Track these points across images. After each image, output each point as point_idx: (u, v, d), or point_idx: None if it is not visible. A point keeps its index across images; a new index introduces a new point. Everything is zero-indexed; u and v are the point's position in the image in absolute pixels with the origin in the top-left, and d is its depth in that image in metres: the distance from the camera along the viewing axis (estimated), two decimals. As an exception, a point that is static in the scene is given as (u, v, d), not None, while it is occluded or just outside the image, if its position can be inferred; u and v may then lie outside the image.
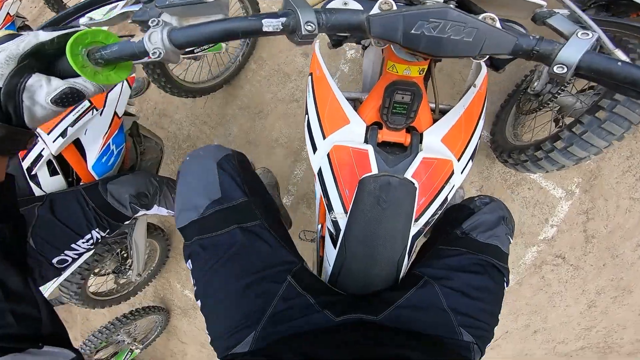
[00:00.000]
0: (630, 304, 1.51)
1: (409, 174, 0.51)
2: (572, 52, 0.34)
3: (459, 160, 0.55)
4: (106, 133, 0.97)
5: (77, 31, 0.35)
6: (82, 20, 0.46)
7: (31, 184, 0.87)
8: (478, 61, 0.50)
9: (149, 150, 1.26)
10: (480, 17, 0.37)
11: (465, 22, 0.34)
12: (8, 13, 1.70)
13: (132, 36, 0.39)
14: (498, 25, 0.37)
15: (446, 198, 0.55)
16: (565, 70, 0.34)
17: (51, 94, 0.35)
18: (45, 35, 0.35)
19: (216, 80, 1.70)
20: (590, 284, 1.52)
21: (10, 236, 0.39)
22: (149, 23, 0.36)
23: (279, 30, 0.35)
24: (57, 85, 0.36)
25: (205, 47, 1.37)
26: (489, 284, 0.59)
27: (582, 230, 1.50)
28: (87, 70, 0.36)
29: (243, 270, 0.55)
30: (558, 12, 0.41)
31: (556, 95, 1.04)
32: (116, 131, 1.01)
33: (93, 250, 1.03)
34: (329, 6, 0.44)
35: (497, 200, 0.70)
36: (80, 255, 0.92)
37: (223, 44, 1.52)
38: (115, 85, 0.62)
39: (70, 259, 0.89)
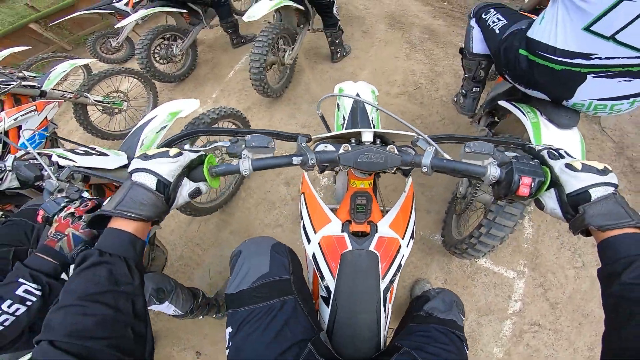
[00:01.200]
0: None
1: (371, 248, 0.78)
2: (426, 160, 0.65)
3: (403, 238, 0.83)
4: None
5: (205, 154, 0.66)
6: (186, 147, 0.73)
7: None
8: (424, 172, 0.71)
9: (157, 258, 1.44)
10: (387, 148, 0.70)
11: (379, 152, 0.67)
12: (46, 117, 2.11)
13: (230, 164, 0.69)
14: (395, 151, 0.69)
15: (400, 263, 0.79)
16: (427, 170, 0.65)
17: (190, 190, 0.63)
18: (192, 155, 0.64)
19: (212, 203, 2.01)
20: (578, 342, 1.61)
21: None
22: (241, 155, 0.68)
23: (298, 163, 0.68)
24: (191, 185, 0.64)
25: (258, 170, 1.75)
26: (453, 347, 0.76)
27: (544, 300, 1.69)
28: (208, 177, 0.65)
29: (278, 336, 0.69)
30: (420, 138, 0.71)
31: (474, 195, 1.45)
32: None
33: None
34: (317, 149, 0.74)
35: (446, 290, 0.95)
36: None
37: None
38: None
39: None
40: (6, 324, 0.71)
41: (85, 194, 0.87)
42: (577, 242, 1.82)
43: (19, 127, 1.74)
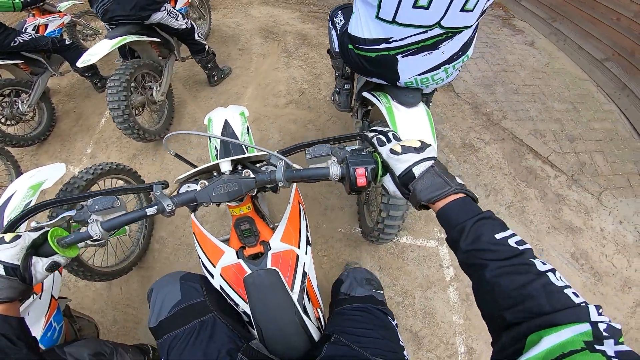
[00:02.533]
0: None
1: (268, 265, 0.83)
2: (279, 174, 0.70)
3: (298, 247, 0.89)
4: (46, 313, 1.08)
5: (48, 231, 0.65)
6: (33, 224, 0.71)
7: None
8: (281, 186, 0.75)
9: (85, 328, 1.40)
10: (243, 173, 0.74)
11: (232, 181, 0.71)
12: None
13: (79, 230, 0.68)
14: (250, 174, 0.73)
15: (304, 271, 0.86)
16: (282, 183, 0.70)
17: (45, 265, 0.63)
18: (32, 235, 0.63)
19: (124, 263, 1.84)
20: None
21: None
22: (88, 220, 0.68)
23: (155, 213, 0.69)
24: (46, 260, 0.64)
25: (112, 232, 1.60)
26: (378, 322, 0.80)
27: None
28: (60, 250, 0.64)
29: (205, 356, 0.73)
30: (271, 155, 0.76)
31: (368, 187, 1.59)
32: (55, 311, 1.13)
33: None
34: (181, 191, 0.77)
35: (357, 267, 1.03)
36: None
37: (127, 227, 1.77)
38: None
39: None
40: None
41: None
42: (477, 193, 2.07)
43: None
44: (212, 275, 0.86)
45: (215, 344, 0.74)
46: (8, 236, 0.61)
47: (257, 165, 0.82)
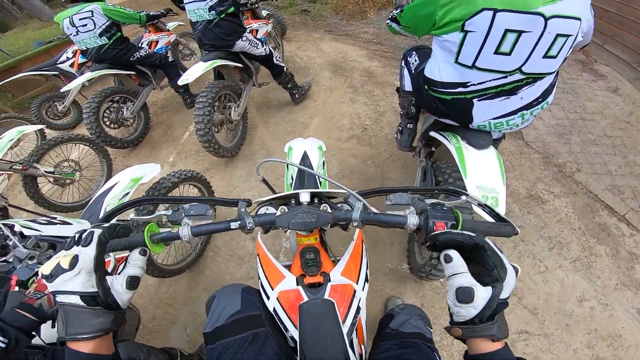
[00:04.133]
0: (628, 344, 1.70)
1: (326, 296, 0.88)
2: (356, 214, 0.73)
3: (357, 282, 0.88)
4: None
5: (146, 223, 0.69)
6: (130, 216, 0.79)
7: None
8: (355, 227, 0.77)
9: (131, 318, 1.47)
10: (321, 207, 0.77)
11: (312, 212, 0.74)
12: None
13: (171, 230, 0.73)
14: (328, 209, 0.75)
15: (358, 306, 0.89)
16: (357, 224, 0.72)
17: (123, 284, 0.59)
18: (90, 252, 0.55)
19: (180, 264, 2.06)
20: (574, 343, 1.68)
21: None
22: (181, 223, 0.74)
23: (237, 228, 0.73)
24: (121, 278, 0.59)
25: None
26: (425, 358, 0.80)
27: (522, 307, 1.81)
28: (150, 244, 0.68)
29: None
30: (350, 194, 0.79)
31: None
32: None
33: None
34: (259, 212, 0.80)
35: (409, 305, 1.01)
36: None
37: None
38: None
39: None
40: None
41: None
42: (534, 249, 2.01)
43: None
44: (267, 297, 0.87)
45: (263, 357, 0.78)
46: (64, 261, 0.53)
47: (332, 200, 0.87)
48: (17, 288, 1.14)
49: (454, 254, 0.58)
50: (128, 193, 1.56)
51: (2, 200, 2.08)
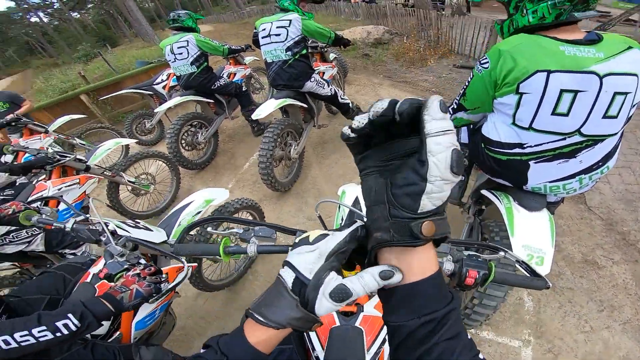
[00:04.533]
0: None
1: (357, 324, 0.92)
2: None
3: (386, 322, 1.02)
4: (160, 301, 1.22)
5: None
6: (209, 229, 0.92)
7: None
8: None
9: (167, 323, 1.55)
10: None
11: None
12: (84, 191, 2.35)
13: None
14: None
15: (384, 338, 0.91)
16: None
17: (330, 290, 0.42)
18: (339, 237, 0.44)
19: (222, 282, 2.22)
20: None
21: None
22: (249, 241, 0.84)
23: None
24: (333, 282, 0.42)
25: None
26: None
27: None
28: (223, 254, 0.84)
29: None
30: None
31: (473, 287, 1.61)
32: (166, 302, 1.30)
33: None
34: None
35: None
36: None
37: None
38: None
39: None
40: (24, 344, 0.81)
41: (142, 261, 1.09)
42: (582, 310, 1.95)
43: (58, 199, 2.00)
44: None
45: None
46: (313, 234, 0.48)
47: None
48: (88, 279, 1.31)
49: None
50: (200, 212, 1.75)
51: (87, 199, 2.43)
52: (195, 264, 1.95)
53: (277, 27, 2.70)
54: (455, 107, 1.44)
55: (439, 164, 0.33)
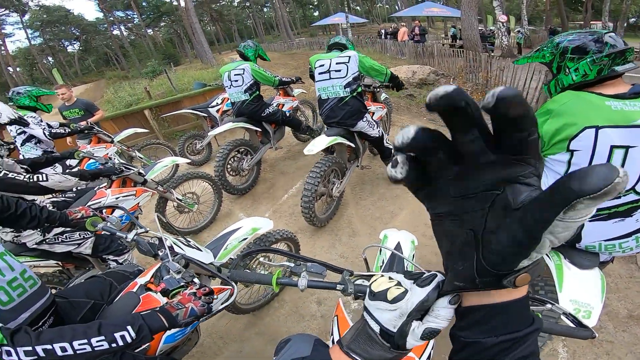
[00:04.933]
0: None
1: None
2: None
3: (420, 357, 0.99)
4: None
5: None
6: (260, 259, 1.02)
7: None
8: None
9: (192, 338, 1.58)
10: None
11: None
12: (138, 202, 2.47)
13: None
14: None
15: None
16: None
17: (420, 333, 0.45)
18: (422, 294, 0.45)
19: (249, 306, 2.24)
20: None
21: None
22: (300, 274, 0.90)
23: (340, 290, 0.84)
24: (421, 328, 0.45)
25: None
26: None
27: None
28: (274, 284, 0.92)
29: None
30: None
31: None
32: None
33: None
34: (356, 282, 0.87)
35: None
36: None
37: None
38: None
39: None
40: (79, 352, 0.83)
41: (196, 280, 1.12)
42: None
43: (114, 207, 2.06)
44: None
45: None
46: (392, 293, 0.49)
47: None
48: (134, 289, 1.36)
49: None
50: (246, 239, 1.84)
51: (138, 211, 2.60)
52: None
53: (337, 64, 2.80)
54: None
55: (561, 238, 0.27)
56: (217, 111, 4.62)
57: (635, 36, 20.63)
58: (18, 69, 34.96)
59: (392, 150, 3.18)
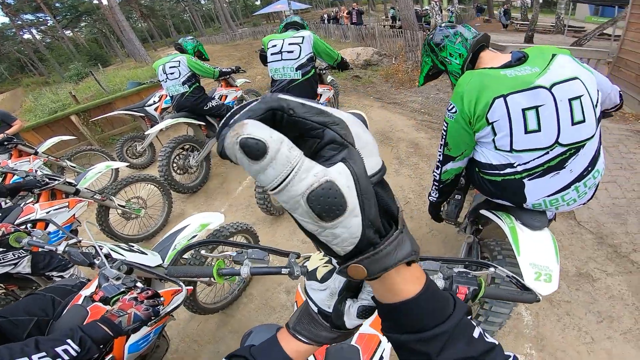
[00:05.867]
0: None
1: (353, 342, 0.95)
2: None
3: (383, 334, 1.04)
4: (156, 324, 1.20)
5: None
6: (202, 252, 0.92)
7: None
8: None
9: (160, 346, 1.53)
10: None
11: None
12: (74, 214, 2.30)
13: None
14: None
15: (382, 355, 0.95)
16: None
17: (355, 311, 0.48)
18: (344, 278, 0.47)
19: (216, 305, 2.20)
20: None
21: None
22: (243, 263, 0.86)
23: (286, 273, 0.80)
24: (355, 305, 0.48)
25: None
26: None
27: None
28: (216, 276, 0.85)
29: None
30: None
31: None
32: (160, 325, 1.29)
33: None
34: (304, 264, 0.84)
35: None
36: None
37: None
38: None
39: None
40: None
41: (139, 284, 1.09)
42: (580, 322, 1.97)
43: (46, 221, 1.89)
44: None
45: None
46: (320, 272, 0.53)
47: None
48: (80, 302, 1.30)
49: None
50: (196, 235, 1.77)
51: (76, 223, 2.40)
52: (191, 287, 1.94)
53: (290, 44, 2.70)
54: (441, 159, 1.48)
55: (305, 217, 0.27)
56: (156, 109, 4.33)
57: (550, 11, 22.60)
58: None
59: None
